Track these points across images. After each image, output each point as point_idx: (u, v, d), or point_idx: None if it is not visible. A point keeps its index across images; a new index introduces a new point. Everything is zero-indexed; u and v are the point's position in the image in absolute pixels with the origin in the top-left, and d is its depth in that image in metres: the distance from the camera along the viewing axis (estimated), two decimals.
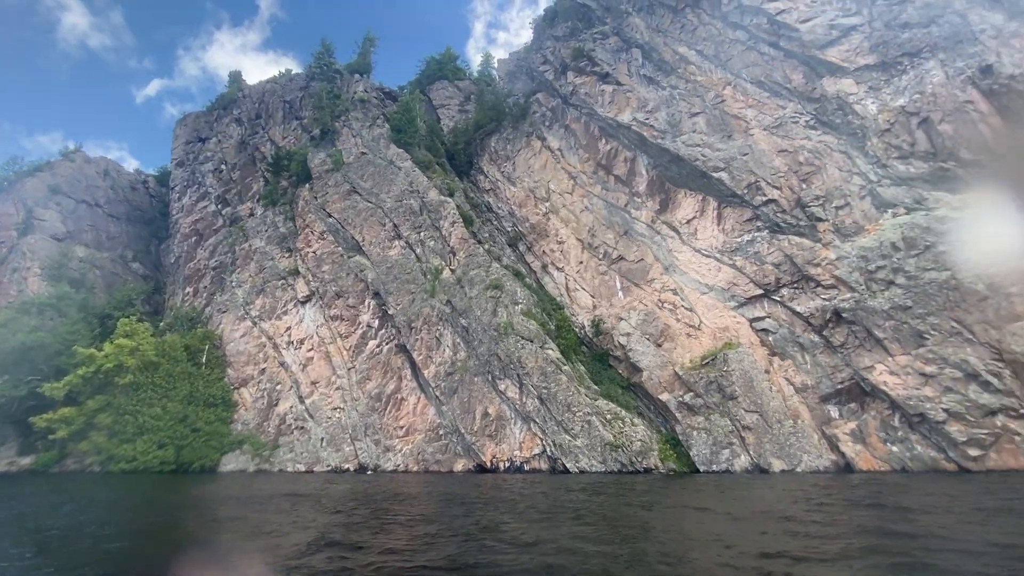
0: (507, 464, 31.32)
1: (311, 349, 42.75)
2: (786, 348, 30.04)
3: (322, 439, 38.08)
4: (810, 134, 32.33)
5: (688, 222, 35.59)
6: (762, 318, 31.23)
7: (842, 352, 28.10)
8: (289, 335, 44.20)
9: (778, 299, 30.88)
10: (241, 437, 39.96)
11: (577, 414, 30.54)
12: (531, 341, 33.78)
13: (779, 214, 31.79)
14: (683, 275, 34.63)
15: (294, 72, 64.64)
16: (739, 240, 33.11)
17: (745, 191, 32.96)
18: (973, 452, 23.30)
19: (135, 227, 66.61)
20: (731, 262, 32.94)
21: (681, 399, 30.42)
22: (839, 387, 27.97)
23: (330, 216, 47.07)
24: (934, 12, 29.95)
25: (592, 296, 38.35)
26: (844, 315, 27.96)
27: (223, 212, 56.28)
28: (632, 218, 38.15)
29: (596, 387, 32.99)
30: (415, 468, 33.66)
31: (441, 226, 42.10)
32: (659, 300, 34.76)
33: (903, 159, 28.87)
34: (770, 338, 30.66)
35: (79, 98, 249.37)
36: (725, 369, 29.69)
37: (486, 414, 32.92)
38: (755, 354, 30.44)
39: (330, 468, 36.25)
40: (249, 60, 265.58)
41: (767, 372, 29.79)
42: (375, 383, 38.50)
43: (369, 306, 41.68)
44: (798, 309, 29.92)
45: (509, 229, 46.02)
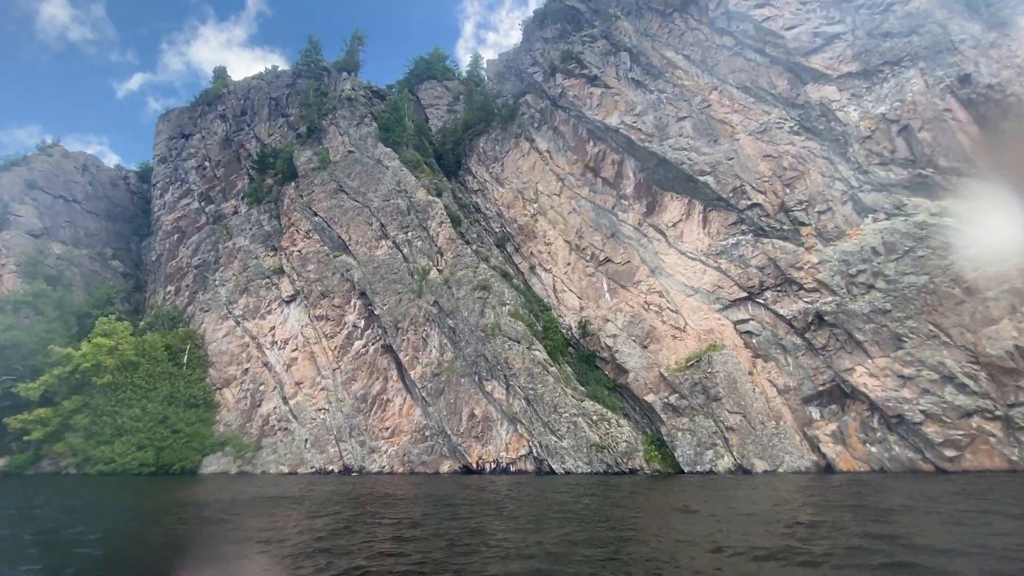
0: (493, 465, 31.30)
1: (295, 349, 42.29)
2: (769, 350, 30.45)
3: (306, 440, 37.68)
4: (794, 139, 32.83)
5: (674, 225, 35.92)
6: (746, 320, 31.63)
7: (823, 354, 28.57)
8: (273, 335, 43.68)
9: (762, 302, 31.31)
10: (223, 438, 39.38)
11: (563, 415, 30.62)
12: (518, 342, 33.79)
13: (763, 218, 32.24)
14: (669, 277, 34.93)
15: (281, 69, 63.94)
16: (724, 243, 33.50)
17: (730, 195, 33.36)
18: (949, 453, 23.86)
19: (115, 224, 65.26)
20: (716, 265, 33.31)
21: (666, 400, 30.67)
22: (820, 389, 28.44)
23: (316, 215, 46.61)
24: (915, 22, 30.59)
25: (579, 298, 38.50)
26: (826, 318, 28.44)
27: (206, 210, 55.43)
28: (619, 220, 38.38)
29: (582, 388, 33.11)
30: (400, 469, 33.46)
31: (429, 226, 41.92)
32: (645, 302, 35.01)
33: (883, 165, 29.46)
34: (754, 340, 31.06)
35: (58, 91, 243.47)
36: (709, 371, 30.01)
37: (472, 415, 32.86)
38: (739, 356, 30.82)
39: (314, 470, 35.89)
40: (235, 56, 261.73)
41: (750, 374, 30.18)
42: (360, 384, 38.21)
43: (355, 306, 41.35)
44: (781, 312, 30.35)
45: (497, 230, 45.98)
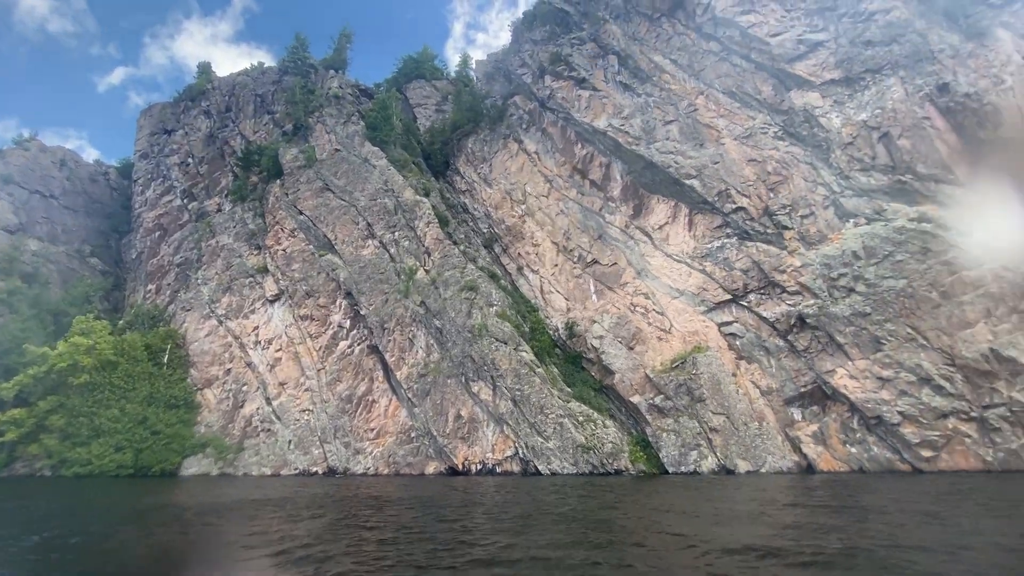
0: (479, 466, 31.23)
1: (279, 349, 41.75)
2: (753, 352, 30.85)
3: (290, 442, 37.22)
4: (778, 145, 33.32)
5: (660, 227, 36.22)
6: (730, 323, 32.01)
7: (805, 356, 29.04)
8: (256, 335, 43.08)
9: (746, 304, 31.71)
10: (204, 440, 38.71)
11: (550, 416, 30.68)
12: (505, 343, 33.78)
13: (748, 221, 32.67)
14: (655, 279, 35.21)
15: (267, 66, 63.07)
16: (709, 246, 33.87)
17: (716, 198, 33.75)
18: (926, 453, 24.40)
19: (94, 220, 63.81)
20: (701, 267, 33.67)
21: (651, 401, 30.90)
22: (802, 390, 28.89)
23: (301, 213, 46.09)
24: (896, 31, 31.27)
25: (566, 299, 38.62)
26: (808, 320, 28.91)
27: (189, 207, 54.47)
28: (606, 222, 38.59)
29: (569, 389, 33.20)
30: (386, 471, 33.23)
31: (416, 226, 41.71)
32: (631, 304, 35.24)
33: (864, 171, 30.05)
34: (737, 342, 31.44)
35: (37, 85, 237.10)
36: (694, 372, 30.31)
37: (459, 416, 32.76)
38: (723, 358, 31.17)
39: (298, 471, 35.47)
40: (220, 52, 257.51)
41: (734, 375, 30.54)
42: (346, 384, 37.86)
43: (340, 306, 40.97)
44: (764, 314, 30.78)
45: (485, 231, 45.93)
